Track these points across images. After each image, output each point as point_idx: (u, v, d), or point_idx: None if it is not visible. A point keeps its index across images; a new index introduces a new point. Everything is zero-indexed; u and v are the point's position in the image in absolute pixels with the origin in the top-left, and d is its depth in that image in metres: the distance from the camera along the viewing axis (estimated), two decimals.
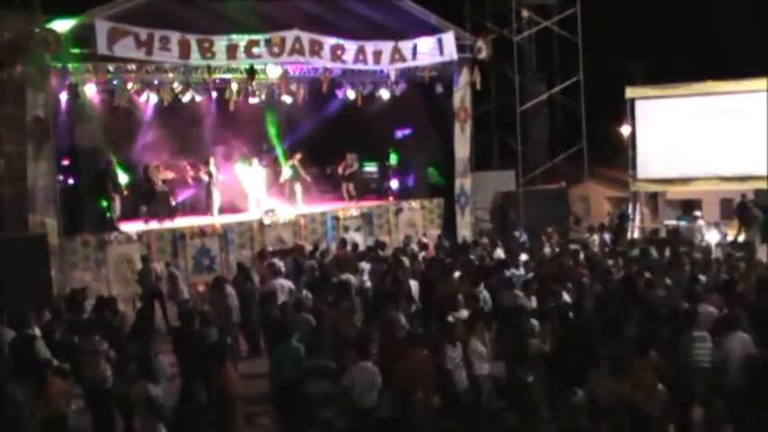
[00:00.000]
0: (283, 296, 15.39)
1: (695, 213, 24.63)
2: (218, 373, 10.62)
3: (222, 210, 22.97)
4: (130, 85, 20.87)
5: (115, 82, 20.55)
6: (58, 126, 18.83)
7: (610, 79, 27.16)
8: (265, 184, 24.17)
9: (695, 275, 14.77)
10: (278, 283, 15.92)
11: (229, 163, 23.85)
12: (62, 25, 17.97)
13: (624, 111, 26.74)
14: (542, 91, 29.40)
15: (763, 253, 20.44)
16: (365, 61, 21.95)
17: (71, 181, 20.60)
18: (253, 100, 23.27)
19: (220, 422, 10.37)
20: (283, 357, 11.47)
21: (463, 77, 24.38)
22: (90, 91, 20.19)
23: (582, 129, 27.71)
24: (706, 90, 25.19)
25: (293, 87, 23.34)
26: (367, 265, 17.59)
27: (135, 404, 10.42)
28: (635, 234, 25.45)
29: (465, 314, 12.72)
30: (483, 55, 23.94)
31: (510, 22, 27.11)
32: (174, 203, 23.22)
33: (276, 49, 20.34)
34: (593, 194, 29.69)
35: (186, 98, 21.97)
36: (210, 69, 20.53)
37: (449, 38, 22.91)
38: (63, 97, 19.68)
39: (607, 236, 21.86)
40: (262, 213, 22.34)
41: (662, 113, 26.05)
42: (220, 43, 19.63)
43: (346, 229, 22.72)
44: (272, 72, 22.32)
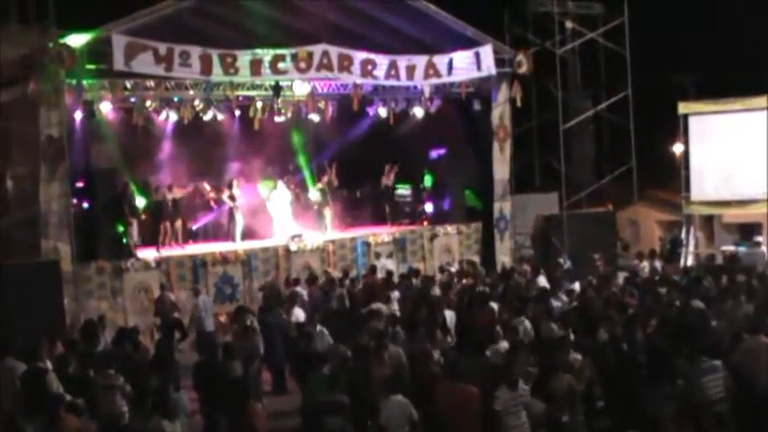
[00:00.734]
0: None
1: (756, 238, 24.26)
2: (243, 409, 10.55)
3: (245, 235, 23.02)
4: (149, 103, 21.14)
5: (133, 99, 20.80)
6: (73, 146, 18.94)
7: (660, 94, 26.94)
8: (291, 208, 24.26)
9: (762, 306, 14.40)
10: (300, 314, 16.16)
11: (253, 185, 24.05)
12: (77, 40, 18.10)
13: (676, 127, 26.40)
14: (587, 107, 29.30)
15: None
16: (397, 77, 21.98)
17: (86, 204, 20.66)
18: (278, 118, 23.40)
19: None
20: (315, 389, 11.51)
21: (502, 93, 24.31)
22: (106, 109, 20.45)
23: (630, 147, 27.26)
24: (766, 105, 24.45)
25: (321, 105, 23.69)
26: (398, 294, 17.57)
27: None
28: (688, 261, 25.27)
29: (504, 346, 12.59)
30: (524, 69, 23.85)
31: (552, 34, 26.83)
32: (194, 228, 23.50)
33: (303, 65, 20.41)
34: (642, 218, 29.38)
35: (208, 116, 22.12)
36: (233, 86, 20.67)
37: (487, 51, 22.90)
38: (78, 115, 19.85)
39: (658, 263, 21.30)
40: (288, 239, 22.35)
41: (718, 130, 25.40)
42: (244, 58, 19.70)
43: (378, 256, 22.62)
44: (299, 89, 22.52)
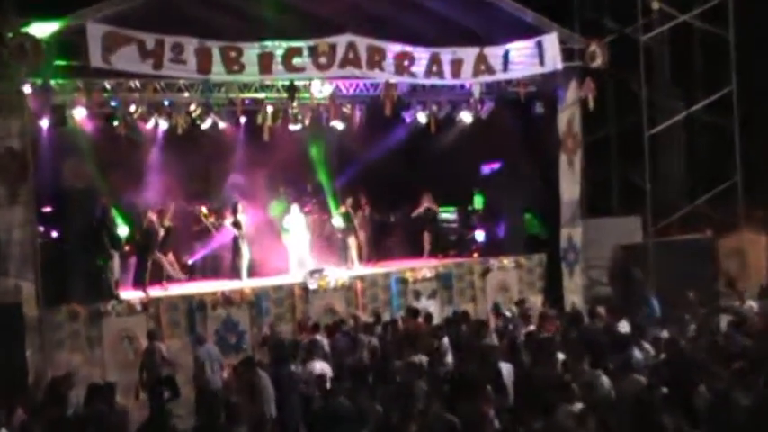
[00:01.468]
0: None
1: None
2: None
3: (253, 271, 23.17)
4: (133, 108, 21.34)
5: (113, 104, 21.03)
6: (39, 161, 19.03)
7: None
8: (310, 238, 24.39)
9: None
10: (318, 367, 16.14)
11: (262, 210, 24.24)
12: (43, 30, 17.98)
13: None
14: (679, 109, 28.50)
15: None
16: (441, 74, 22.02)
17: (55, 234, 20.74)
18: (293, 127, 23.66)
19: None
20: None
21: (571, 93, 24.33)
22: (80, 115, 20.58)
23: (734, 158, 26.94)
24: None
25: (346, 110, 24.15)
26: (444, 343, 17.50)
27: None
28: None
29: (578, 407, 12.54)
30: (598, 62, 23.84)
31: (635, 18, 25.97)
32: (190, 262, 23.69)
33: (324, 60, 20.46)
34: (751, 246, 28.69)
35: (206, 125, 22.41)
36: (238, 87, 21.23)
37: (551, 41, 22.96)
38: (45, 124, 20.06)
39: None
40: (305, 275, 22.37)
41: None
42: (250, 52, 19.76)
43: (417, 296, 22.53)
44: (319, 90, 22.72)
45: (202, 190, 24.63)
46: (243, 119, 23.05)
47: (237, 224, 22.97)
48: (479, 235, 26.20)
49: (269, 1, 20.27)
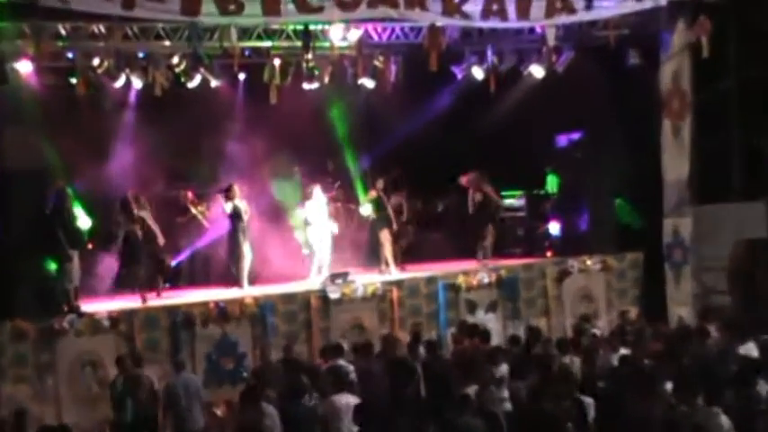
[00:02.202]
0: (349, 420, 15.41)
1: None
2: None
3: (255, 276, 23.27)
4: (97, 62, 21.40)
5: (70, 55, 21.27)
6: None
7: None
8: (330, 232, 24.36)
9: None
10: (343, 401, 15.88)
11: (267, 195, 24.57)
12: None
13: None
14: None
15: None
16: (503, 15, 22.07)
17: None
18: (308, 85, 23.67)
19: None
20: None
21: (678, 37, 24.28)
22: (26, 70, 20.63)
23: None
24: None
25: (378, 63, 23.87)
26: (502, 370, 17.44)
27: None
28: None
29: None
30: None
31: None
32: (174, 264, 23.93)
33: None
34: None
35: (194, 83, 22.49)
36: (236, 34, 20.85)
37: None
38: None
39: None
40: (325, 281, 22.51)
41: None
42: None
43: (472, 308, 22.89)
44: (342, 37, 22.62)
45: (189, 169, 24.82)
46: (242, 75, 23.36)
47: (236, 213, 22.84)
48: (554, 227, 26.42)
49: None
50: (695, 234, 24.91)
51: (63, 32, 20.48)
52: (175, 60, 22.10)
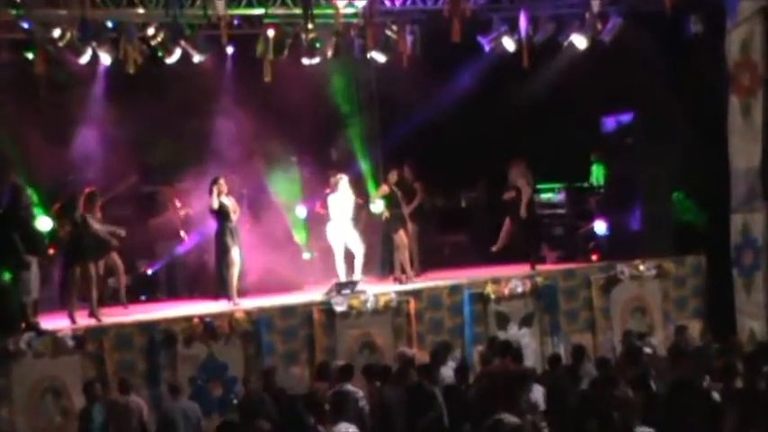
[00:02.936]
0: None
1: None
2: None
3: (246, 288, 22.37)
4: (58, 33, 20.45)
5: (26, 25, 20.31)
6: None
7: None
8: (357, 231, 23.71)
9: None
10: (344, 430, 15.60)
11: (261, 190, 24.21)
12: None
13: None
14: None
15: None
16: None
17: None
18: (309, 60, 22.99)
19: None
20: None
21: (747, 1, 22.88)
22: None
23: None
24: None
25: (391, 33, 22.92)
26: (536, 395, 17.01)
27: None
28: None
29: None
30: None
31: None
32: (150, 272, 23.75)
33: None
34: None
35: (173, 58, 21.80)
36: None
37: None
38: None
39: None
40: (330, 291, 21.78)
41: None
42: None
43: (504, 322, 22.20)
44: (348, 3, 22.27)
45: (167, 161, 24.11)
46: (230, 49, 22.74)
47: (223, 212, 21.67)
48: (600, 226, 25.22)
49: None
50: None
51: None
52: (151, 32, 21.26)
